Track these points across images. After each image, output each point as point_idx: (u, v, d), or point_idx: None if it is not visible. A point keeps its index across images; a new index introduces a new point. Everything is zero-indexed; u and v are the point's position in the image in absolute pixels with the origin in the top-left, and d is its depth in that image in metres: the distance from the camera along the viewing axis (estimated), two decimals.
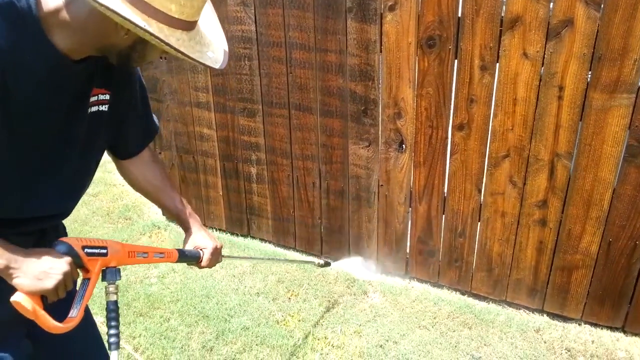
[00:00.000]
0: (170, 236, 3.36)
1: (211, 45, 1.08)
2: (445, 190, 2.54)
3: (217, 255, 1.46)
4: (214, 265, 1.48)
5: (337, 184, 2.81)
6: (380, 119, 2.54)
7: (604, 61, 2.00)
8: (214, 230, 3.41)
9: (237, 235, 3.35)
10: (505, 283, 2.56)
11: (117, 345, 1.11)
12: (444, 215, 2.59)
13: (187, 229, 1.47)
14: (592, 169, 2.18)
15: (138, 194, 1.52)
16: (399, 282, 2.83)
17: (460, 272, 2.66)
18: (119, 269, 1.14)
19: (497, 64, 2.20)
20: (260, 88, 2.81)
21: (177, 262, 1.36)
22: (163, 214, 3.58)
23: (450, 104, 2.36)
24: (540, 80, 2.14)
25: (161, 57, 1.14)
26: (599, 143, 2.13)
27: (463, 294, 2.71)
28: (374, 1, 2.33)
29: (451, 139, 2.42)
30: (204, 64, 1.04)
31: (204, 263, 1.42)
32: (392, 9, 2.31)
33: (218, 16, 1.16)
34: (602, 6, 1.94)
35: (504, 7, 2.11)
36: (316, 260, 2.21)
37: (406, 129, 2.49)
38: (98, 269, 1.11)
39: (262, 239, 3.28)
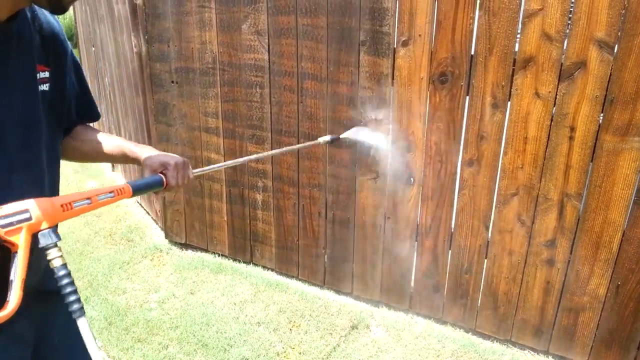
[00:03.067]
0: (172, 260, 3.33)
1: None
2: (453, 226, 2.53)
3: (183, 171, 1.28)
4: (186, 184, 1.30)
5: (343, 215, 2.79)
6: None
7: (616, 104, 2.00)
8: (216, 255, 3.38)
9: (239, 261, 3.32)
10: (510, 322, 2.52)
11: (82, 311, 0.95)
12: (450, 251, 2.57)
13: (138, 158, 1.29)
14: (601, 211, 2.17)
15: (141, 216, 1.46)
16: (402, 316, 2.79)
17: (465, 309, 2.62)
18: (55, 228, 0.97)
19: (509, 103, 2.20)
20: (270, 116, 2.82)
21: (134, 195, 1.16)
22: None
23: (461, 140, 2.36)
24: (552, 120, 2.14)
25: None
26: (609, 185, 2.12)
27: (467, 331, 2.66)
28: (387, 36, 2.36)
29: (460, 174, 2.41)
30: None
31: (171, 182, 1.24)
32: (405, 44, 2.33)
33: (232, 44, 1.14)
34: (615, 50, 1.96)
35: (517, 46, 2.13)
36: (321, 139, 1.93)
37: (415, 162, 2.49)
38: (25, 237, 0.92)
39: (264, 267, 3.24)
